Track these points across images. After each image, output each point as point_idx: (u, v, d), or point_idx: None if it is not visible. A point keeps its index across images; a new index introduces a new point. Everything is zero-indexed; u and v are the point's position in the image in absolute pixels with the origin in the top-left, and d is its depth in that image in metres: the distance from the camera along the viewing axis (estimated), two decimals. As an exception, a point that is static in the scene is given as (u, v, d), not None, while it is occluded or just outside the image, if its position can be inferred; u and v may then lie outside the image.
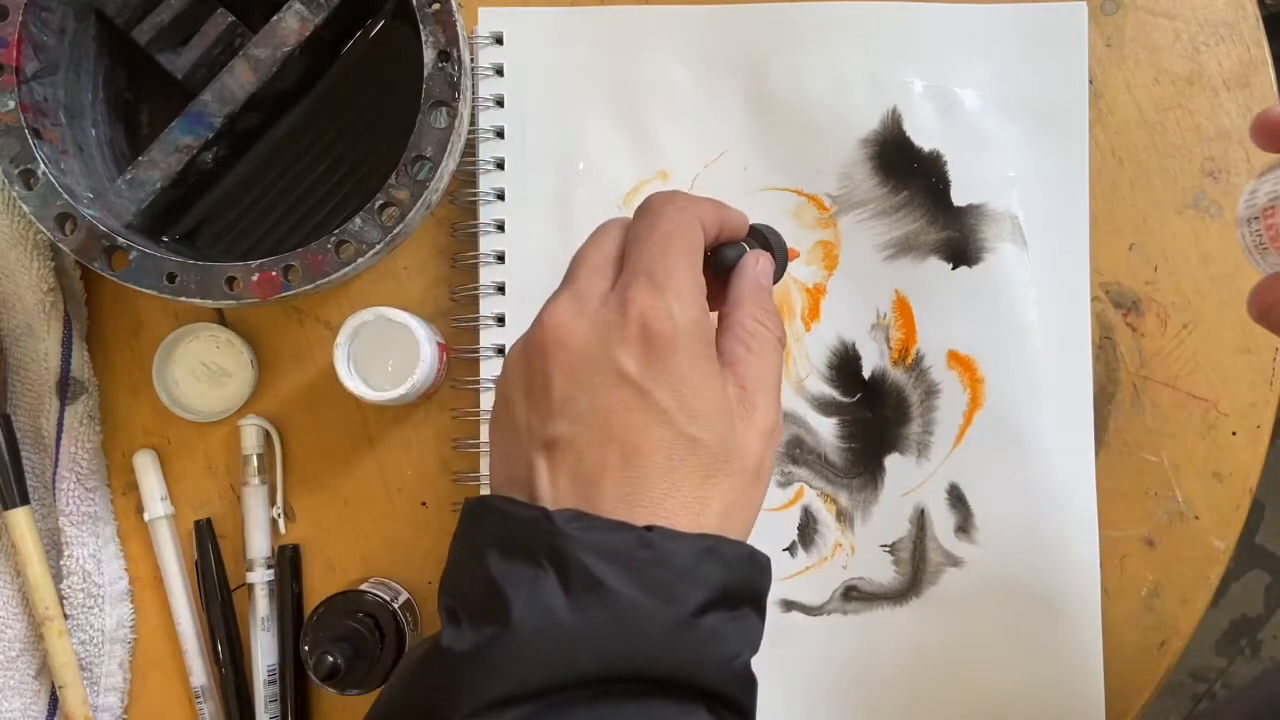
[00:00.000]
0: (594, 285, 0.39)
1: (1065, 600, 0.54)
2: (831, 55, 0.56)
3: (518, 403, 0.39)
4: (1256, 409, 0.55)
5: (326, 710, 0.57)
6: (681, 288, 0.38)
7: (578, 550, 0.34)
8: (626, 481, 0.36)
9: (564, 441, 0.37)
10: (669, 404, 0.36)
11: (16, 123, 0.49)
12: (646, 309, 0.37)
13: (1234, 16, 0.56)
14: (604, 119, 0.57)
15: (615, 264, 0.40)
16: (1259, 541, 1.31)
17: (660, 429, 0.36)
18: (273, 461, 0.57)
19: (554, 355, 0.38)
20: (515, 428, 0.38)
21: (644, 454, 0.36)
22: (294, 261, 0.49)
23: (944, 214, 0.55)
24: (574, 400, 0.37)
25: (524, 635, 0.33)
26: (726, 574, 0.35)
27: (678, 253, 0.39)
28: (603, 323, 0.37)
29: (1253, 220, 0.37)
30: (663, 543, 0.35)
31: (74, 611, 0.55)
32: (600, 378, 0.37)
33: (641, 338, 0.37)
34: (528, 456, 0.37)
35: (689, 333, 0.37)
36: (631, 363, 0.37)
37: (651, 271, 0.38)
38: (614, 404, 0.36)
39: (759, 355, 0.40)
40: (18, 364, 0.56)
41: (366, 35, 0.56)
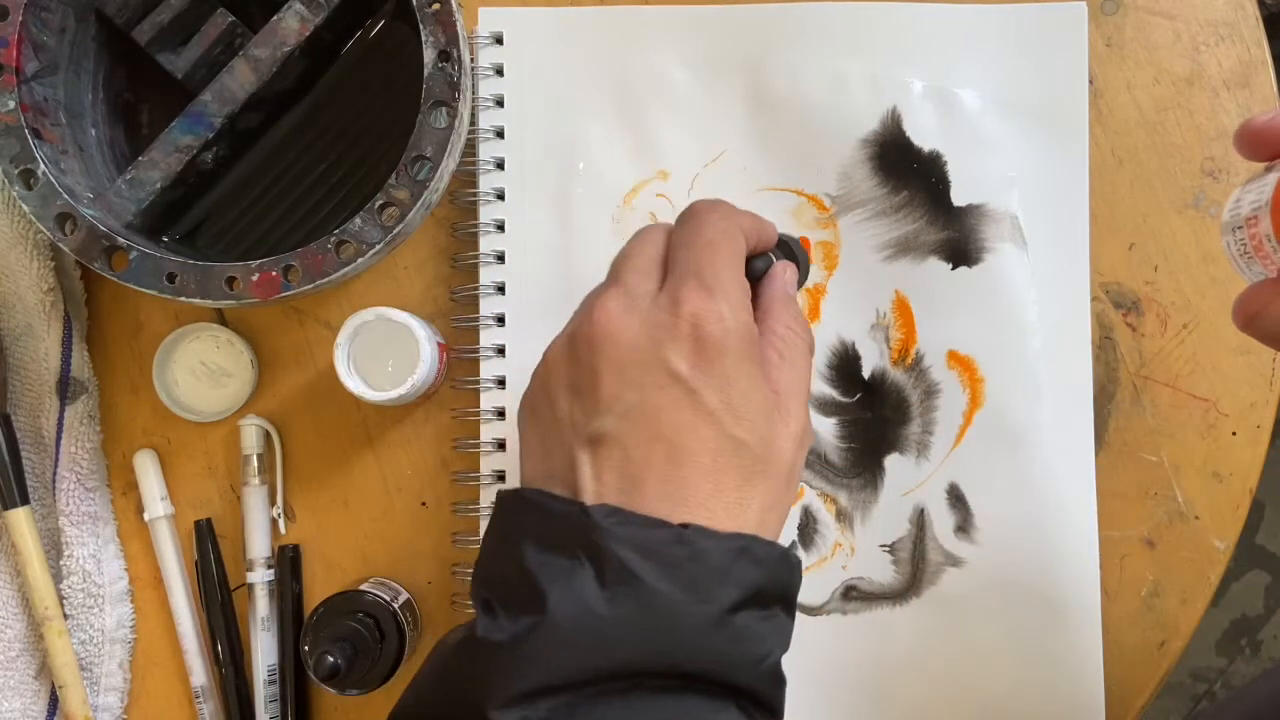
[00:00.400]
0: (643, 285, 0.39)
1: (1065, 600, 0.54)
2: (831, 55, 0.56)
3: (560, 396, 0.39)
4: (1256, 409, 0.55)
5: (326, 710, 0.57)
6: (730, 292, 0.39)
7: (614, 544, 0.34)
8: (672, 480, 0.36)
9: (610, 438, 0.37)
10: (717, 405, 0.37)
11: (16, 123, 0.49)
12: (699, 310, 0.37)
13: (1234, 16, 0.56)
14: (604, 119, 0.57)
15: (661, 266, 0.40)
16: (1259, 541, 1.31)
17: (708, 429, 0.37)
18: (273, 461, 0.57)
19: (603, 351, 0.38)
20: (557, 421, 0.39)
21: (691, 453, 0.37)
22: (294, 261, 0.49)
23: (944, 214, 0.55)
24: (622, 397, 0.37)
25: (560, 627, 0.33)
26: (760, 573, 0.36)
27: (725, 258, 0.39)
28: (654, 322, 0.38)
29: (1237, 229, 0.37)
30: (698, 540, 0.35)
31: (74, 611, 0.55)
32: (650, 376, 0.37)
33: (693, 338, 0.37)
34: (570, 451, 0.38)
35: (739, 335, 0.38)
36: (682, 362, 0.37)
37: (701, 275, 0.38)
38: (663, 402, 0.37)
39: (791, 362, 0.40)
40: (18, 364, 0.56)
41: (366, 35, 0.56)
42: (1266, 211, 0.35)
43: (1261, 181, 0.37)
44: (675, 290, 0.38)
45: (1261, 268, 0.37)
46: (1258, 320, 0.38)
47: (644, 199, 0.56)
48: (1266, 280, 0.37)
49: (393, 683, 0.54)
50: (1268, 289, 0.37)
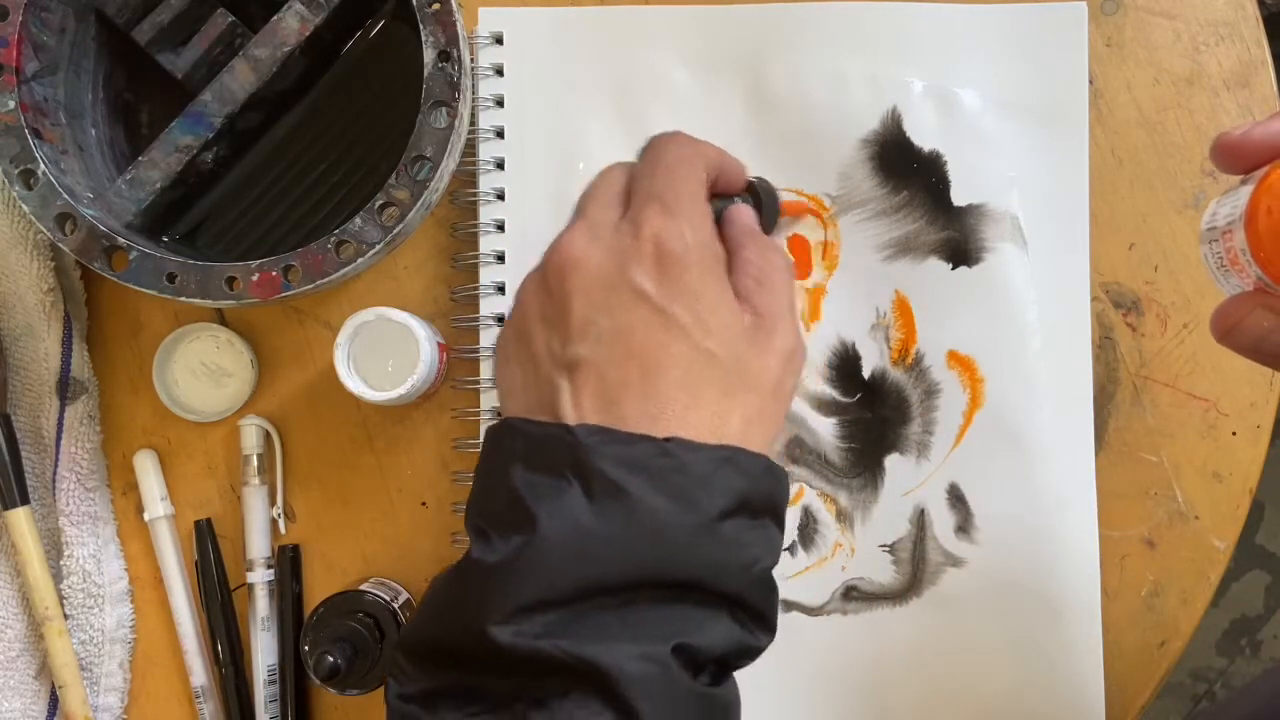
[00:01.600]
0: (605, 215, 0.40)
1: (1065, 600, 0.54)
2: (831, 55, 0.56)
3: (535, 329, 0.40)
4: (1256, 409, 0.55)
5: (326, 710, 0.57)
6: (690, 211, 0.40)
7: (599, 461, 0.35)
8: (648, 396, 0.37)
9: (586, 362, 0.38)
10: (686, 320, 0.38)
11: (16, 123, 0.49)
12: (659, 229, 0.38)
13: (1234, 16, 0.56)
14: (604, 119, 0.57)
15: (623, 198, 0.42)
16: (1259, 541, 1.31)
17: (679, 344, 0.38)
18: (273, 461, 0.57)
19: (571, 280, 0.39)
20: (534, 354, 0.39)
21: (664, 369, 0.37)
22: (294, 261, 0.49)
23: (944, 214, 0.55)
24: (594, 322, 0.38)
25: (551, 543, 0.34)
26: (745, 483, 0.37)
27: (684, 180, 0.40)
28: (617, 246, 0.39)
29: (1213, 242, 0.38)
30: (681, 452, 0.36)
31: (74, 611, 0.55)
32: (617, 298, 0.38)
33: (656, 256, 0.38)
34: (550, 379, 0.38)
35: (701, 251, 0.39)
36: (648, 281, 0.38)
37: (661, 196, 0.39)
38: (633, 322, 0.38)
39: (769, 286, 0.41)
40: (18, 364, 0.56)
41: (366, 35, 0.56)
42: (1241, 224, 0.36)
43: (1236, 194, 0.37)
44: (636, 214, 0.39)
45: (1238, 280, 0.37)
46: (1234, 333, 0.38)
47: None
48: (1243, 293, 0.38)
49: (393, 683, 0.54)
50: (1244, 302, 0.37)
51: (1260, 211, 0.35)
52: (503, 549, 0.35)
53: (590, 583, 0.34)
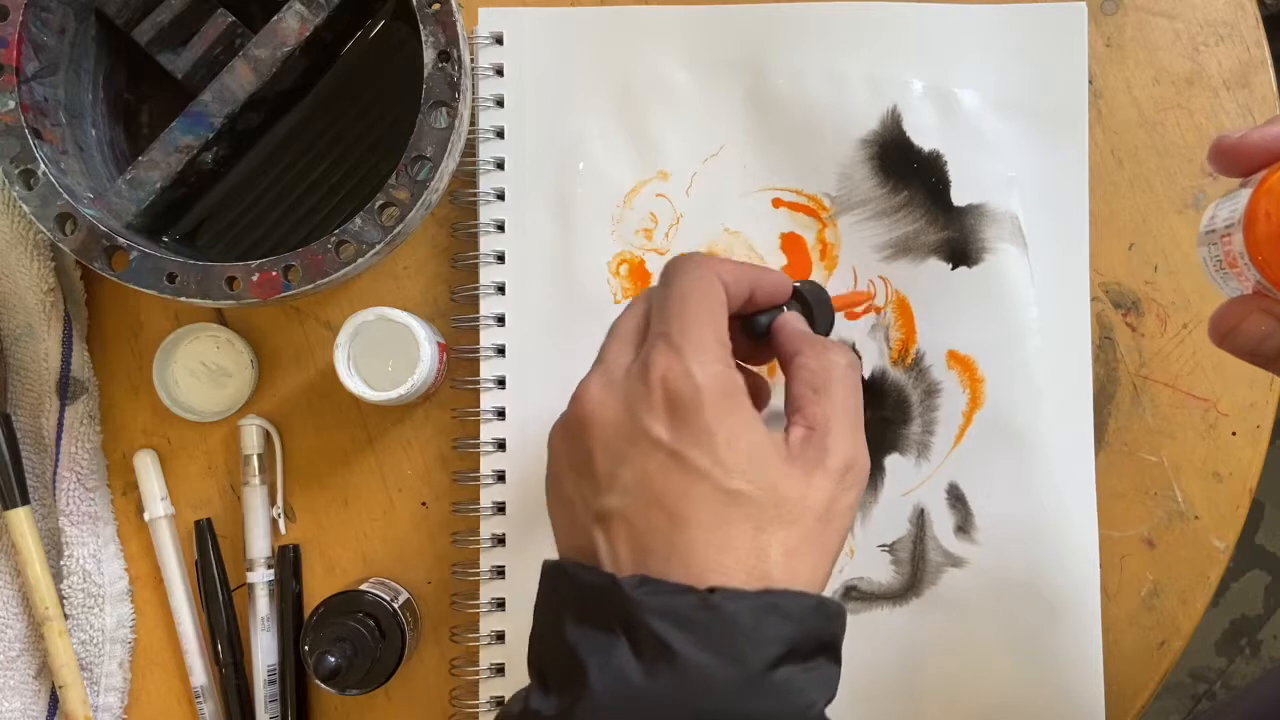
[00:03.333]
0: (620, 357, 0.40)
1: (1065, 600, 0.54)
2: (831, 55, 0.56)
3: (566, 479, 0.40)
4: (1256, 409, 0.55)
5: (326, 710, 0.57)
6: (699, 345, 0.39)
7: (645, 615, 0.35)
8: (677, 544, 0.37)
9: (615, 513, 0.38)
10: (703, 462, 0.37)
11: (16, 123, 0.49)
12: (666, 371, 0.38)
13: (1234, 16, 0.56)
14: (604, 119, 0.57)
15: (640, 334, 0.41)
16: (1259, 541, 1.31)
17: (699, 487, 0.37)
18: (273, 461, 0.57)
19: (590, 432, 0.39)
20: (569, 502, 0.40)
21: (688, 514, 0.37)
22: (294, 261, 0.49)
23: (944, 214, 0.55)
24: (616, 474, 0.38)
25: (600, 701, 0.35)
26: (791, 628, 0.36)
27: (694, 311, 0.40)
28: (629, 393, 0.39)
29: (1212, 245, 0.37)
30: (724, 603, 0.35)
31: (74, 611, 0.55)
32: (635, 447, 0.38)
33: (665, 402, 0.38)
34: (586, 529, 0.39)
35: (711, 388, 0.38)
36: (660, 428, 0.38)
37: (668, 334, 0.39)
38: (652, 470, 0.37)
39: (826, 394, 0.40)
40: (18, 364, 0.56)
41: (366, 35, 0.56)
42: (1239, 228, 0.35)
43: (1235, 197, 0.37)
44: (645, 356, 0.39)
45: (1237, 283, 0.37)
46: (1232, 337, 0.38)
47: (644, 199, 0.56)
48: (1241, 296, 0.38)
49: (392, 683, 0.54)
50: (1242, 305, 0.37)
51: (1259, 215, 0.35)
52: (556, 703, 0.36)
53: None
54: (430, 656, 0.56)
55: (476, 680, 0.55)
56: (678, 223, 0.56)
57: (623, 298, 0.56)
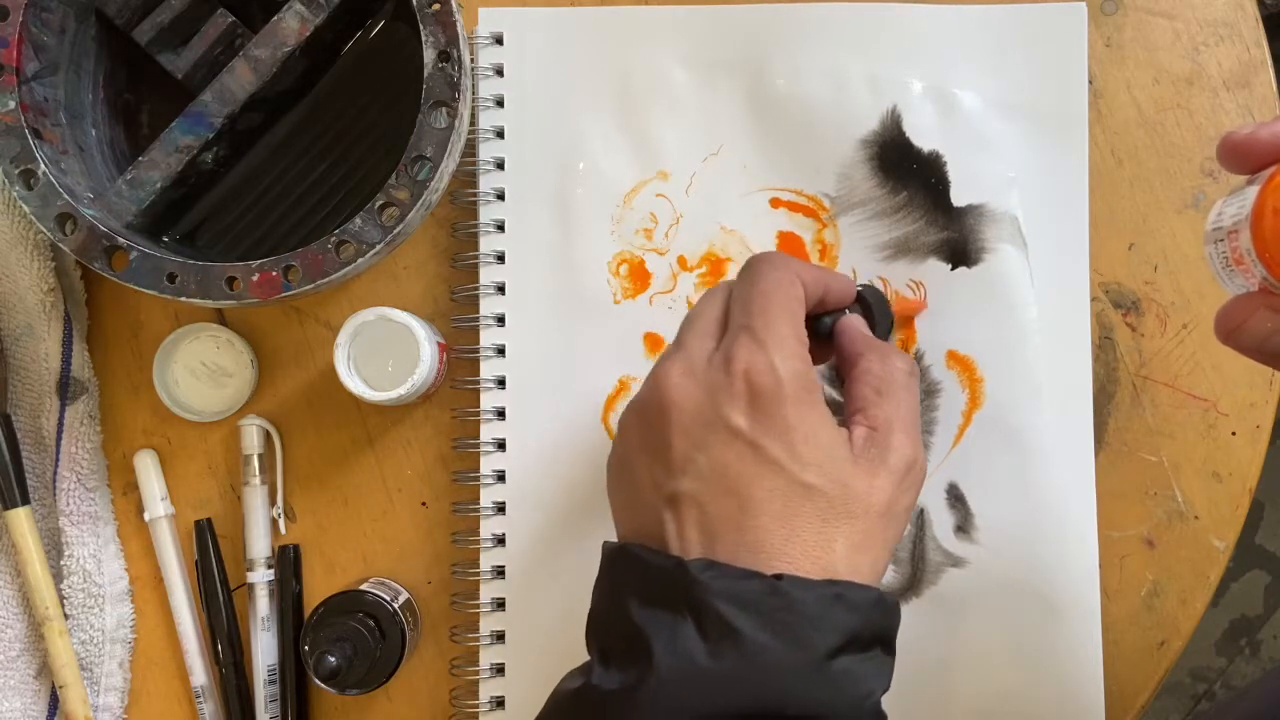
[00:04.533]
0: (701, 346, 0.41)
1: (1065, 600, 0.54)
2: (831, 55, 0.56)
3: (638, 461, 0.41)
4: (1256, 409, 0.55)
5: (326, 710, 0.57)
6: (782, 340, 0.40)
7: (712, 598, 0.36)
8: (747, 530, 0.38)
9: (687, 497, 0.39)
10: (780, 454, 0.39)
11: (17, 123, 0.49)
12: (749, 365, 0.39)
13: (1234, 16, 0.56)
14: (604, 119, 0.57)
15: (720, 325, 0.43)
16: (1259, 541, 1.31)
17: (774, 478, 0.38)
18: (273, 461, 0.57)
19: (669, 416, 0.40)
20: (638, 484, 0.41)
21: (761, 503, 0.38)
22: (294, 261, 0.49)
23: (943, 214, 0.55)
24: (692, 458, 0.39)
25: (666, 678, 0.36)
26: (854, 619, 0.37)
27: (777, 308, 0.41)
28: (711, 382, 0.40)
29: (1219, 241, 0.38)
30: (792, 590, 0.37)
31: (74, 611, 0.55)
32: (713, 435, 0.39)
33: (747, 393, 0.39)
34: (655, 511, 0.40)
35: (792, 384, 0.39)
36: (741, 418, 0.39)
37: (752, 328, 0.40)
38: (729, 458, 0.39)
39: (888, 396, 0.42)
40: (18, 364, 0.56)
41: (366, 35, 0.56)
42: (1247, 225, 0.35)
43: (1242, 194, 0.37)
44: (728, 348, 0.40)
45: (1243, 280, 0.37)
46: (1238, 334, 0.38)
47: (644, 199, 0.56)
48: (1247, 294, 0.38)
49: (392, 683, 0.54)
50: (1248, 302, 0.37)
51: (1266, 212, 0.35)
52: (619, 678, 0.37)
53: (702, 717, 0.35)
54: (430, 656, 0.56)
55: (476, 680, 0.55)
56: (677, 223, 0.56)
57: (623, 298, 0.56)
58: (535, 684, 0.55)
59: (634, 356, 0.56)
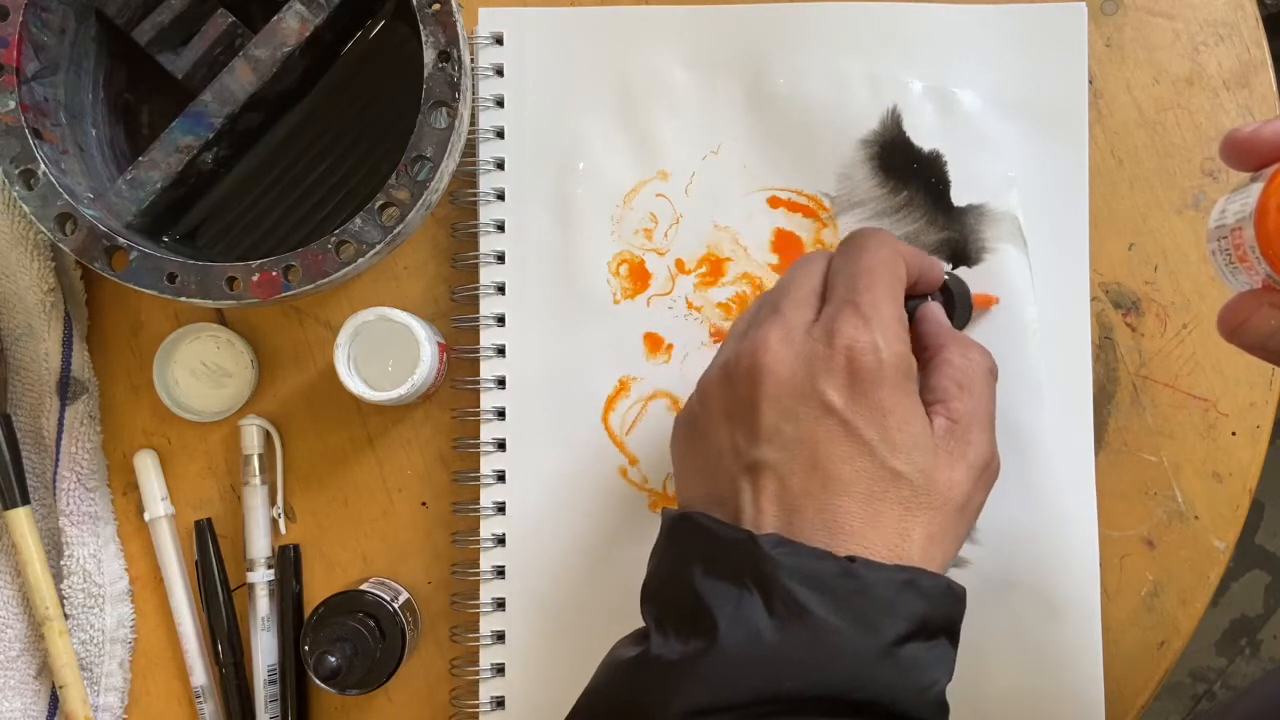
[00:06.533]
0: (800, 315, 0.40)
1: (1065, 600, 0.54)
2: (831, 55, 0.56)
3: (718, 423, 0.40)
4: (1256, 409, 0.55)
5: (326, 710, 0.57)
6: (887, 321, 0.39)
7: (782, 575, 0.35)
8: (829, 509, 0.37)
9: (769, 467, 0.38)
10: (872, 436, 0.38)
11: (17, 123, 0.49)
12: (853, 341, 0.38)
13: (1234, 16, 0.56)
14: (604, 119, 0.57)
15: (819, 296, 0.41)
16: (1259, 541, 1.31)
17: (863, 460, 0.38)
18: (273, 461, 0.57)
19: (762, 382, 0.39)
20: (718, 447, 0.40)
21: (846, 484, 0.37)
22: (294, 261, 0.49)
23: (944, 214, 0.55)
24: (780, 429, 0.38)
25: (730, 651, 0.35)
26: (925, 606, 0.36)
27: (883, 286, 0.40)
28: (810, 353, 0.39)
29: (1222, 239, 0.38)
30: (865, 573, 0.36)
31: (74, 611, 0.55)
32: (806, 408, 0.38)
33: (848, 370, 0.38)
34: (732, 478, 0.39)
35: (894, 366, 0.38)
36: (837, 395, 0.38)
37: (858, 304, 0.39)
38: (819, 434, 0.38)
39: (970, 391, 0.41)
40: (18, 364, 0.56)
41: (366, 35, 0.56)
42: (1250, 221, 0.35)
43: (1246, 191, 0.37)
44: (831, 320, 0.39)
45: (1246, 277, 0.37)
46: (1241, 331, 0.38)
47: (644, 199, 0.56)
48: (1250, 291, 0.38)
49: (392, 683, 0.54)
50: (1252, 299, 0.37)
51: (1270, 209, 0.35)
52: (680, 649, 0.36)
53: (766, 695, 0.35)
54: (430, 656, 0.56)
55: (476, 680, 0.55)
56: (677, 223, 0.56)
57: (623, 298, 0.56)
58: (535, 684, 0.55)
59: (634, 356, 0.56)
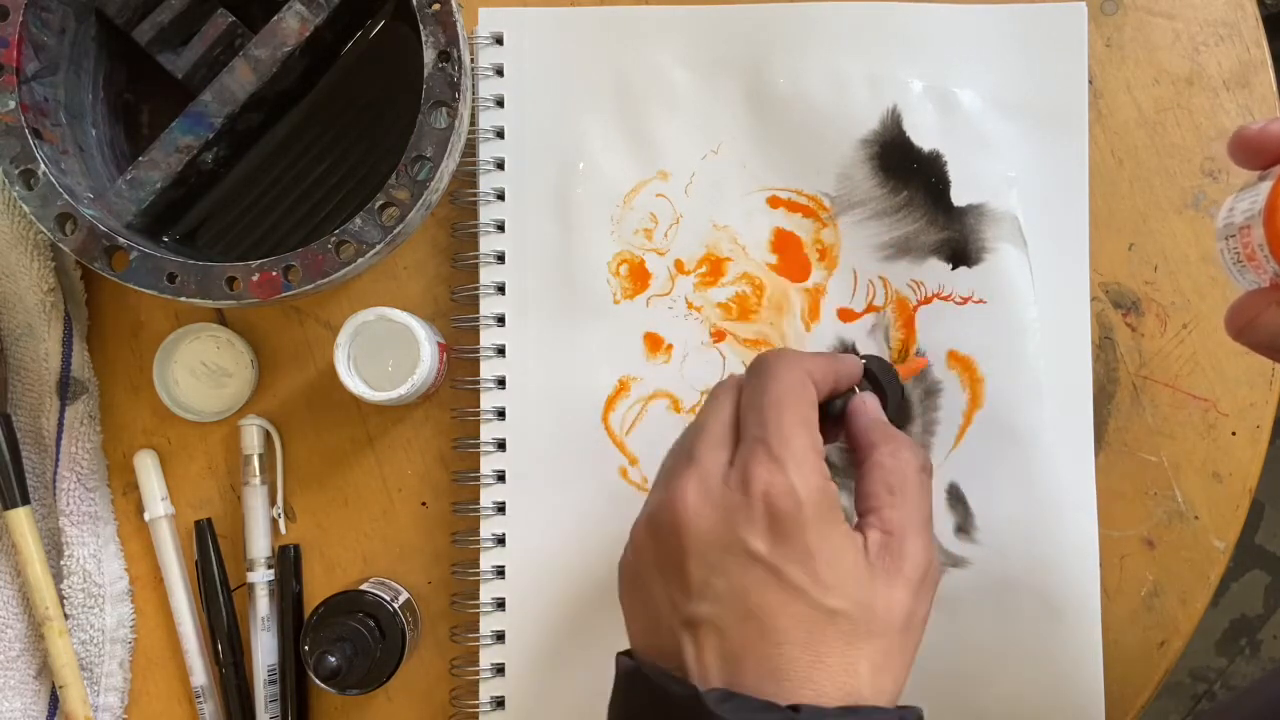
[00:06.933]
0: (715, 460, 0.40)
1: (1065, 600, 0.54)
2: (831, 55, 0.56)
3: (652, 578, 0.40)
4: (1256, 409, 0.55)
5: (326, 710, 0.57)
6: (800, 456, 0.39)
7: None
8: (770, 658, 0.37)
9: (705, 621, 0.38)
10: (802, 580, 0.37)
11: (17, 123, 0.49)
12: (768, 486, 0.38)
13: (1234, 16, 0.56)
14: (604, 119, 0.57)
15: (732, 431, 0.41)
16: (1259, 541, 1.31)
17: (797, 605, 0.37)
18: (273, 461, 0.57)
19: (685, 539, 0.39)
20: (654, 601, 0.40)
21: (784, 630, 0.37)
22: (294, 261, 0.49)
23: (944, 214, 0.55)
24: (709, 583, 0.38)
25: None
26: None
27: (791, 417, 0.40)
28: (728, 504, 0.38)
29: (1230, 237, 0.37)
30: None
31: (74, 611, 0.55)
32: (732, 559, 0.38)
33: (767, 516, 0.38)
34: (671, 631, 0.39)
35: (813, 504, 0.38)
36: (760, 543, 0.38)
37: (768, 442, 0.39)
38: (749, 584, 0.38)
39: (902, 494, 0.41)
40: (18, 364, 0.56)
41: (366, 35, 0.56)
42: (1259, 220, 0.35)
43: (1255, 190, 0.37)
44: (744, 466, 0.39)
45: (1255, 276, 0.37)
46: (1249, 330, 0.38)
47: (644, 199, 0.56)
48: (1259, 289, 0.37)
49: (392, 683, 0.53)
50: (1260, 298, 0.37)
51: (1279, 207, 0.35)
52: None
53: None
54: (430, 656, 0.56)
55: (476, 680, 0.55)
56: (677, 223, 0.56)
57: (623, 297, 0.56)
58: (535, 684, 0.55)
59: (634, 356, 0.56)
